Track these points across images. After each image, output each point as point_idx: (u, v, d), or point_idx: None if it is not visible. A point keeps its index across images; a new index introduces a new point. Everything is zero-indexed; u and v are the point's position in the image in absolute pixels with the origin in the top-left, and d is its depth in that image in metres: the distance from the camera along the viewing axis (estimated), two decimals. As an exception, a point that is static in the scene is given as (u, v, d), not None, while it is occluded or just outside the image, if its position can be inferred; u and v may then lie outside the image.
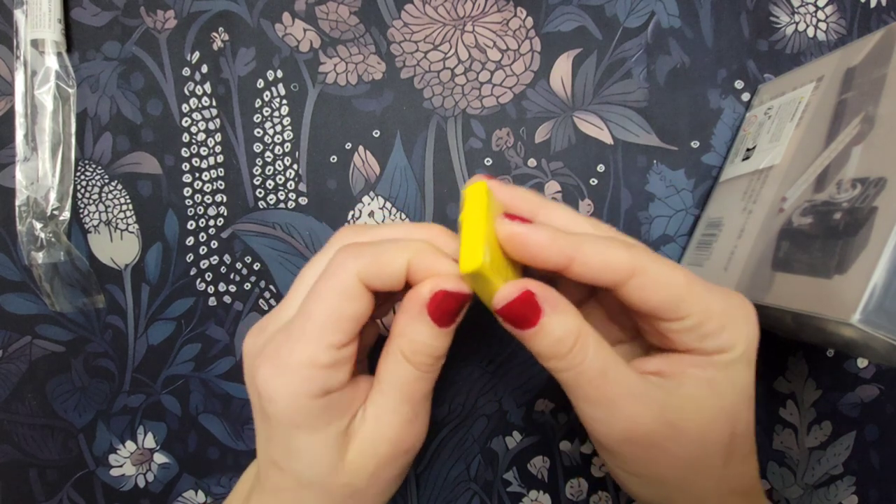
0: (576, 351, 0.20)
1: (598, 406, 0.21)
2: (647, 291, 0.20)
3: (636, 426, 0.20)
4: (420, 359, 0.22)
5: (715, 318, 0.21)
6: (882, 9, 0.34)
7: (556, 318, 0.20)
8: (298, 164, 0.33)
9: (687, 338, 0.21)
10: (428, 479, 0.33)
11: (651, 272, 0.20)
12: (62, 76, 0.32)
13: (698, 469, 0.21)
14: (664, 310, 0.20)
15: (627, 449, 0.21)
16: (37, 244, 0.31)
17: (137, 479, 0.33)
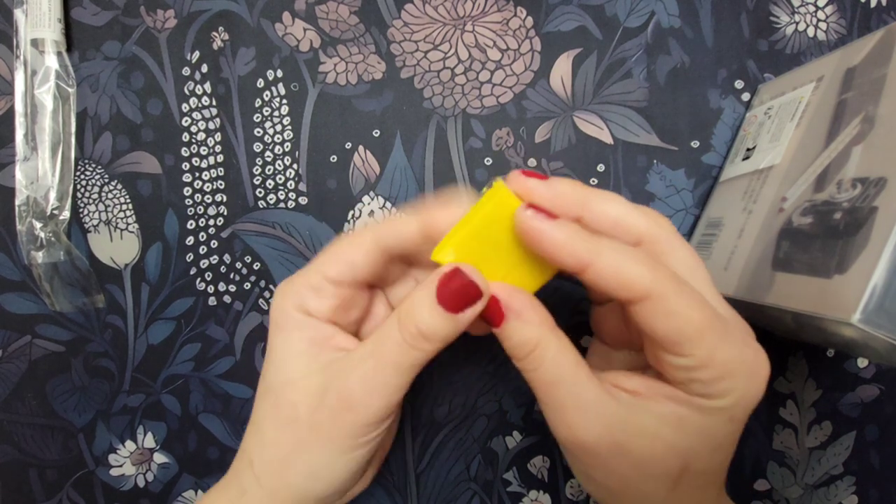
0: (531, 357, 0.21)
1: (549, 409, 0.22)
2: (657, 319, 0.19)
3: (578, 436, 0.21)
4: (408, 324, 0.22)
5: (716, 367, 0.20)
6: (882, 9, 0.34)
7: (515, 326, 0.22)
8: (298, 163, 0.33)
9: (679, 374, 0.20)
10: (428, 479, 0.33)
11: (668, 302, 0.19)
12: (62, 76, 0.32)
13: (638, 490, 0.22)
14: (667, 342, 0.20)
15: (573, 451, 0.22)
16: (37, 244, 0.31)
17: (137, 479, 0.33)
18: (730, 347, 0.20)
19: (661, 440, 0.21)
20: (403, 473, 0.33)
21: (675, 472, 0.21)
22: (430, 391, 0.33)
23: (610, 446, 0.21)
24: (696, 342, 0.19)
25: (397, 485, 0.33)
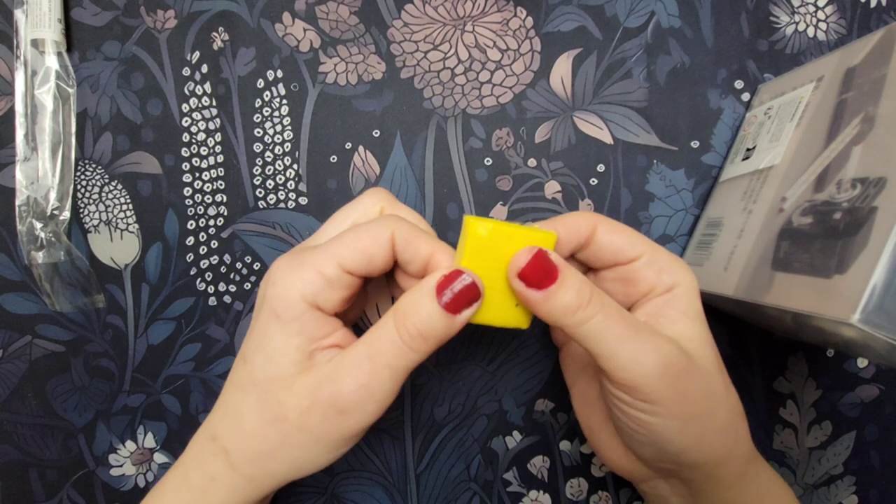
0: (595, 298, 0.22)
1: (629, 343, 0.22)
2: (610, 235, 0.25)
3: (666, 355, 0.22)
4: (406, 326, 0.22)
5: (663, 256, 0.25)
6: (882, 9, 0.34)
7: (572, 271, 0.22)
8: (298, 163, 0.33)
9: (648, 273, 0.25)
10: (428, 479, 0.33)
11: (608, 222, 0.25)
12: (62, 76, 0.32)
13: (714, 395, 0.23)
14: (626, 247, 0.25)
15: (662, 385, 0.22)
16: (37, 244, 0.31)
17: (137, 479, 0.33)
18: (660, 246, 0.25)
19: (692, 337, 0.24)
20: (403, 473, 0.33)
21: (716, 362, 0.24)
22: (430, 391, 0.33)
23: (684, 358, 0.22)
24: (641, 240, 0.25)
25: (397, 485, 0.33)
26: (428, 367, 0.33)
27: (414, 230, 0.23)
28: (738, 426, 0.24)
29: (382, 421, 0.33)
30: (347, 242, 0.23)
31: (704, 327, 0.25)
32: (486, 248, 0.22)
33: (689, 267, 0.26)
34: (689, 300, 0.25)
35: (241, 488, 0.24)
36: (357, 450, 0.33)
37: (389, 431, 0.33)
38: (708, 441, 0.23)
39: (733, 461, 0.24)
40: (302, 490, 0.33)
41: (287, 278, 0.23)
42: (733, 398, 0.25)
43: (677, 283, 0.25)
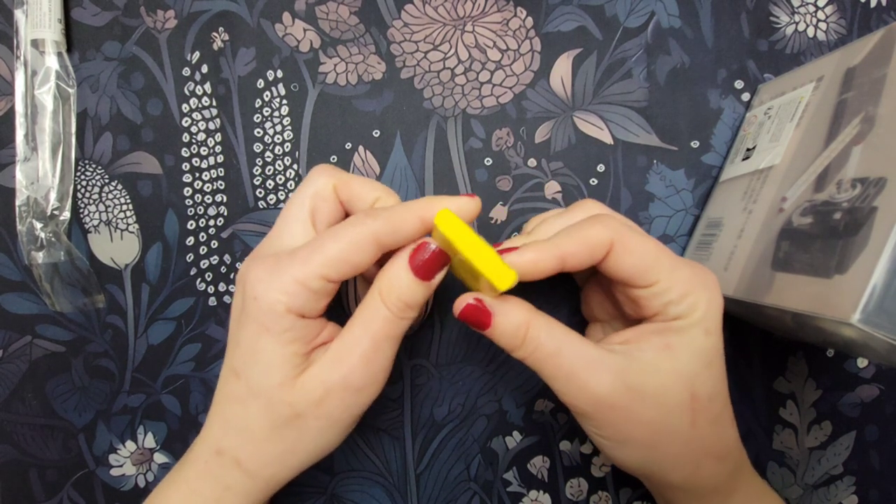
0: (528, 339, 0.23)
1: (559, 380, 0.23)
2: (624, 259, 0.23)
3: (595, 391, 0.23)
4: (392, 300, 0.23)
5: (679, 285, 0.23)
6: (882, 9, 0.34)
7: (504, 318, 0.24)
8: (298, 164, 0.33)
9: (654, 303, 0.24)
10: (428, 479, 0.33)
11: (626, 241, 0.23)
12: (62, 76, 0.32)
13: (664, 430, 0.23)
14: (636, 276, 0.23)
15: (594, 412, 0.23)
16: (37, 244, 0.31)
17: (137, 479, 0.33)
18: (684, 267, 0.24)
19: (664, 372, 0.23)
20: (403, 473, 0.33)
21: (688, 400, 0.23)
22: (430, 391, 0.33)
23: (625, 392, 0.23)
24: (657, 267, 0.23)
25: (397, 485, 0.33)
26: (428, 367, 0.33)
27: (392, 219, 0.23)
28: (702, 465, 0.24)
29: (382, 421, 0.33)
30: (329, 252, 0.23)
31: (693, 363, 0.23)
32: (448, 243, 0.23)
33: (712, 290, 0.24)
34: (685, 336, 0.23)
35: (258, 490, 0.24)
36: (357, 450, 0.33)
37: (389, 431, 0.33)
38: (654, 467, 0.24)
39: (691, 490, 0.25)
40: (302, 490, 0.33)
41: (270, 292, 0.23)
42: (706, 440, 0.24)
43: (682, 316, 0.23)
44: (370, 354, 0.23)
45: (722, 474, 0.25)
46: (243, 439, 0.24)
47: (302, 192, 0.26)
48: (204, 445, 0.25)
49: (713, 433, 0.24)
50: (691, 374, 0.23)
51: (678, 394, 0.23)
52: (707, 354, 0.24)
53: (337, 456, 0.33)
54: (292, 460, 0.24)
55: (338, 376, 0.23)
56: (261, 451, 0.24)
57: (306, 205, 0.25)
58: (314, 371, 0.23)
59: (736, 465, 0.25)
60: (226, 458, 0.24)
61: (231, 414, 0.24)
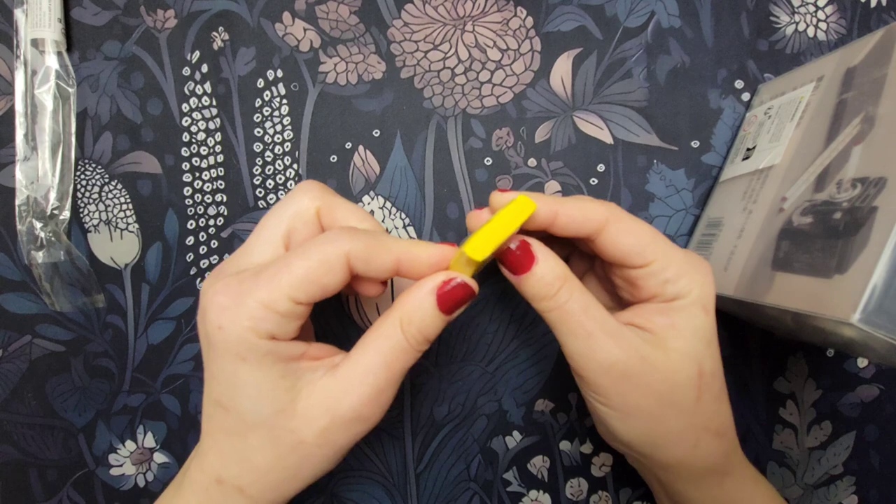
0: (562, 291, 0.23)
1: (579, 339, 0.23)
2: (620, 237, 0.24)
3: (612, 357, 0.23)
4: (413, 332, 0.23)
5: (675, 266, 0.24)
6: (882, 9, 0.34)
7: (546, 264, 0.24)
8: (298, 163, 0.33)
9: (651, 282, 0.24)
10: (428, 479, 0.33)
11: (622, 221, 0.24)
12: (62, 75, 0.32)
13: (670, 402, 0.24)
14: (633, 254, 0.24)
15: (605, 380, 0.23)
16: (37, 244, 0.31)
17: (137, 479, 0.33)
18: (677, 251, 0.24)
19: (672, 349, 0.24)
20: (403, 473, 0.33)
21: (695, 376, 0.24)
22: (430, 391, 0.33)
23: (639, 361, 0.23)
24: (653, 247, 0.24)
25: (397, 485, 0.33)
26: (428, 367, 0.33)
27: (369, 246, 0.22)
28: (702, 440, 0.24)
29: (383, 421, 0.33)
30: (297, 272, 0.21)
31: (697, 341, 0.24)
32: None
33: (705, 272, 0.24)
34: (686, 314, 0.24)
35: None
36: (357, 450, 0.33)
37: (389, 431, 0.33)
38: (655, 441, 0.24)
39: (687, 469, 0.25)
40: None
41: (235, 319, 0.21)
42: (707, 415, 0.24)
43: (679, 296, 0.24)
44: (383, 386, 0.23)
45: (718, 452, 0.25)
46: (245, 469, 0.23)
47: (281, 210, 0.24)
48: (202, 474, 0.24)
49: (714, 409, 0.25)
50: (697, 352, 0.24)
51: (687, 369, 0.24)
52: (708, 332, 0.24)
53: (337, 456, 0.33)
54: (294, 484, 0.24)
55: (347, 407, 0.22)
56: (264, 479, 0.23)
57: (283, 225, 0.24)
58: (319, 397, 0.22)
59: (731, 445, 0.26)
60: (227, 487, 0.23)
61: (229, 446, 0.23)
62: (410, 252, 0.23)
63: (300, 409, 0.22)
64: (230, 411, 0.23)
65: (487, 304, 0.33)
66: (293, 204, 0.24)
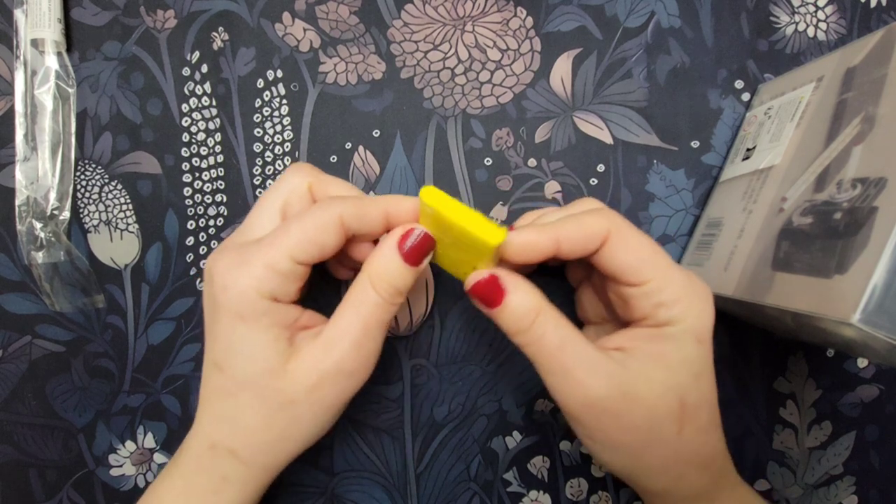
0: (535, 326, 0.23)
1: (556, 375, 0.23)
2: (619, 253, 0.23)
3: (590, 393, 0.23)
4: (383, 286, 0.23)
5: (672, 289, 0.23)
6: (882, 9, 0.34)
7: (517, 297, 0.23)
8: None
9: (644, 303, 0.23)
10: (428, 479, 0.33)
11: (623, 235, 0.23)
12: (62, 76, 0.32)
13: (652, 436, 0.23)
14: (629, 272, 0.23)
15: (585, 415, 0.23)
16: (37, 244, 0.31)
17: (137, 479, 0.33)
18: (679, 273, 0.23)
19: (656, 380, 0.23)
20: (403, 473, 0.33)
21: (677, 409, 0.23)
22: (430, 391, 0.33)
23: (619, 397, 0.22)
24: (652, 265, 0.23)
25: (397, 485, 0.33)
26: (428, 368, 0.33)
27: (359, 205, 0.24)
28: (685, 474, 0.24)
29: (382, 421, 0.33)
30: (295, 234, 0.23)
31: (682, 372, 0.23)
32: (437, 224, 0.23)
33: (704, 299, 0.23)
34: (676, 343, 0.23)
35: (255, 478, 0.25)
36: (357, 450, 0.33)
37: (389, 431, 0.33)
38: (638, 474, 0.24)
39: (673, 498, 0.25)
40: (302, 490, 0.33)
41: (239, 279, 0.23)
42: (691, 448, 0.24)
43: (671, 323, 0.23)
44: (361, 339, 0.23)
45: (704, 482, 0.24)
46: (236, 430, 0.24)
47: (276, 188, 0.25)
48: (196, 440, 0.25)
49: (698, 441, 0.24)
50: (682, 384, 0.23)
51: (668, 403, 0.23)
52: (697, 364, 0.23)
53: (337, 456, 0.33)
54: (287, 446, 0.24)
55: (330, 362, 0.23)
56: (255, 440, 0.24)
57: (279, 201, 0.25)
58: (305, 357, 0.23)
59: (720, 473, 0.25)
60: (220, 450, 0.24)
61: (221, 407, 0.24)
62: (397, 204, 0.24)
63: (289, 370, 0.23)
64: (224, 371, 0.24)
65: (487, 304, 0.33)
66: (286, 183, 0.25)
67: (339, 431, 0.33)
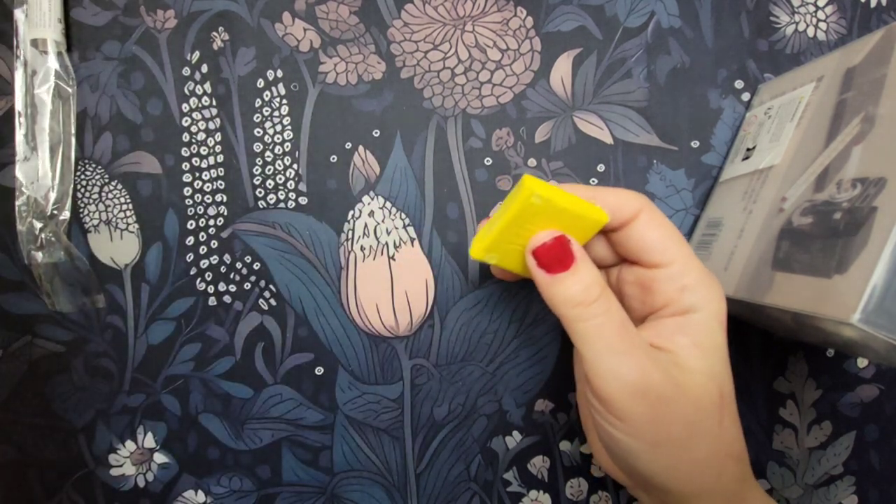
0: (602, 299, 0.22)
1: (615, 356, 0.21)
2: (649, 230, 0.23)
3: (650, 378, 0.21)
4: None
5: (694, 274, 0.23)
6: (882, 9, 0.34)
7: (587, 266, 0.22)
8: (298, 163, 0.33)
9: (668, 287, 0.23)
10: (428, 479, 0.33)
11: (655, 215, 0.23)
12: (62, 76, 0.32)
13: (698, 429, 0.22)
14: (657, 250, 0.23)
15: (638, 406, 0.21)
16: (37, 244, 0.31)
17: (137, 479, 0.33)
18: (698, 262, 0.24)
19: (697, 370, 0.22)
20: (403, 473, 0.33)
21: (717, 399, 0.22)
22: (430, 391, 0.33)
23: (671, 387, 0.22)
24: (676, 248, 0.23)
25: (397, 485, 0.33)
26: (428, 368, 0.33)
27: None
28: (726, 468, 0.23)
29: (382, 421, 0.33)
30: None
31: (717, 360, 0.23)
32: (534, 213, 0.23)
33: (721, 289, 0.24)
34: (706, 330, 0.23)
35: None
36: (357, 450, 0.33)
37: (389, 431, 0.33)
38: (681, 472, 0.23)
39: (709, 499, 0.23)
40: (302, 490, 0.33)
41: None
42: (729, 440, 0.23)
43: (696, 308, 0.23)
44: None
45: (738, 479, 0.24)
46: None
47: None
48: None
49: (734, 432, 0.23)
50: (719, 373, 0.23)
51: (711, 393, 0.22)
52: (725, 350, 0.23)
53: (337, 456, 0.33)
54: None
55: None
56: None
57: None
58: None
59: (747, 470, 0.25)
60: None
61: None
62: None
63: None
64: None
65: (487, 304, 0.33)
66: None
67: (339, 431, 0.33)
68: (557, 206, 0.22)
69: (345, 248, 0.33)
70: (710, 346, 0.23)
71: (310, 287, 0.33)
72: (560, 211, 0.22)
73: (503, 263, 0.25)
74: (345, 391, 0.33)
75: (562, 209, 0.22)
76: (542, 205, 0.22)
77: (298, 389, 0.33)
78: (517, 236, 0.24)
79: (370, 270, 0.33)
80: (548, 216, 0.23)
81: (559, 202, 0.22)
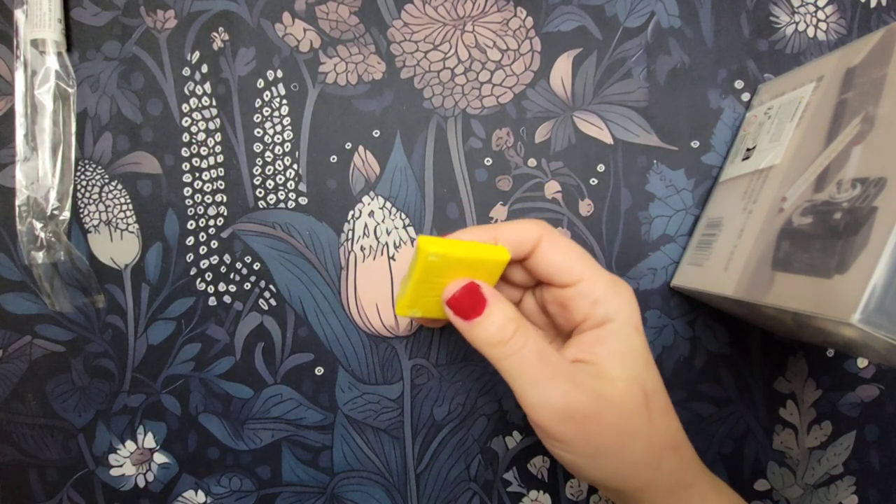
0: (518, 334, 0.23)
1: (538, 386, 0.23)
2: (551, 254, 0.25)
3: (572, 401, 0.23)
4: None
5: (602, 286, 0.24)
6: (882, 9, 0.34)
7: (500, 307, 0.24)
8: (298, 163, 0.33)
9: (582, 303, 0.25)
10: (428, 479, 0.33)
11: (554, 239, 0.25)
12: (62, 76, 0.32)
13: (628, 430, 0.24)
14: (563, 271, 0.25)
15: (568, 428, 0.23)
16: (37, 244, 0.31)
17: (137, 479, 0.33)
18: (603, 273, 0.25)
19: (618, 377, 0.24)
20: (403, 473, 0.33)
21: (641, 398, 0.24)
22: (430, 391, 0.33)
23: (595, 401, 0.23)
24: (581, 265, 0.25)
25: (397, 485, 0.33)
26: (428, 368, 0.33)
27: None
28: (663, 459, 0.24)
29: (382, 421, 0.33)
30: None
31: (637, 363, 0.24)
32: (439, 268, 0.24)
33: (631, 294, 0.25)
34: (622, 337, 0.24)
35: None
36: (357, 450, 0.33)
37: (389, 431, 0.33)
38: (622, 474, 0.24)
39: (655, 490, 0.25)
40: (302, 490, 0.33)
41: None
42: (661, 434, 0.24)
43: (610, 318, 0.24)
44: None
45: (678, 467, 0.25)
46: None
47: None
48: None
49: (665, 424, 0.25)
50: (639, 374, 0.24)
51: (633, 394, 0.24)
52: (643, 352, 0.25)
53: (337, 456, 0.33)
54: None
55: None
56: None
57: None
58: None
59: (689, 457, 0.26)
60: None
61: None
62: None
63: None
64: None
65: (487, 304, 0.33)
66: None
67: (339, 431, 0.33)
68: (456, 258, 0.24)
69: (345, 249, 0.33)
70: (627, 351, 0.24)
71: (310, 287, 0.33)
72: (460, 261, 0.24)
73: (429, 314, 0.27)
74: (345, 391, 0.33)
75: (461, 259, 0.24)
76: (440, 261, 0.23)
77: (298, 389, 0.33)
78: (431, 289, 0.25)
79: (370, 270, 0.33)
80: (452, 267, 0.24)
81: (457, 254, 0.23)
